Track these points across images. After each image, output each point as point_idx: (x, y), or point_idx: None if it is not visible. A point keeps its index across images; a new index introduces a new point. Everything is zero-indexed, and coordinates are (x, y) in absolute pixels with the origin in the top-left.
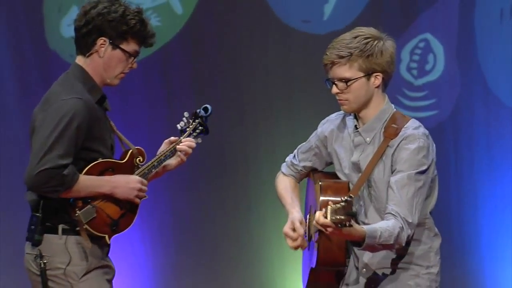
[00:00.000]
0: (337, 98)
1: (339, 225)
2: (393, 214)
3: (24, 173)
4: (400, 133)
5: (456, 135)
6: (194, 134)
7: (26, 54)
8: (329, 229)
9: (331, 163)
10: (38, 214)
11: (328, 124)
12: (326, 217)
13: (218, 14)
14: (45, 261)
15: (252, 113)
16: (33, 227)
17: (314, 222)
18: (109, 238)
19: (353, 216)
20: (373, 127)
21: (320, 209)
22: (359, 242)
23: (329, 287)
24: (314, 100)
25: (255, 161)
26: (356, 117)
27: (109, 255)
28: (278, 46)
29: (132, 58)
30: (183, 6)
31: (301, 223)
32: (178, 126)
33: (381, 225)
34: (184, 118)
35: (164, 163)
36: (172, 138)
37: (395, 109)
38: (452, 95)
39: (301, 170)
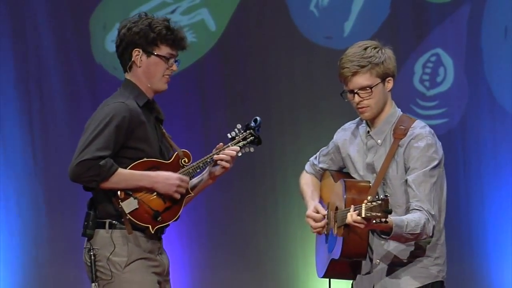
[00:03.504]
0: (358, 106)
1: (374, 221)
2: (418, 209)
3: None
4: (409, 133)
5: (464, 141)
6: (244, 142)
7: (74, 67)
8: (362, 226)
9: (344, 167)
10: (91, 212)
11: (341, 133)
12: (359, 215)
13: (248, 31)
14: (94, 253)
15: (279, 121)
16: (86, 223)
17: (348, 219)
18: (153, 228)
19: (390, 213)
20: (383, 129)
21: (346, 206)
22: (387, 232)
23: (345, 276)
24: (336, 109)
25: (282, 164)
26: (367, 123)
27: None
28: (303, 60)
29: (169, 60)
30: (216, 24)
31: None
32: (229, 135)
33: (407, 216)
34: (236, 129)
35: (211, 170)
36: (221, 144)
37: (401, 113)
38: (461, 105)
39: (319, 170)
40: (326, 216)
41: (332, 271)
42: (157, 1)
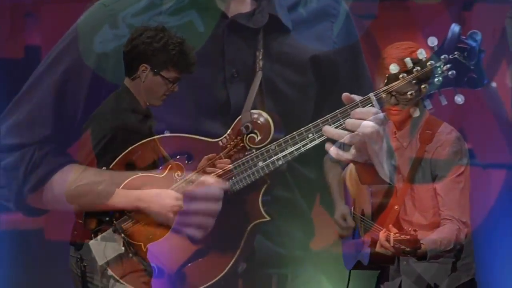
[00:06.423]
0: (392, 108)
1: (403, 253)
2: (449, 219)
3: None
4: (435, 139)
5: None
6: (235, 150)
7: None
8: (389, 253)
9: (368, 160)
10: (80, 221)
11: None
12: (388, 240)
13: None
14: (85, 264)
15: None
16: (75, 232)
17: (378, 243)
18: (145, 246)
19: (419, 249)
20: (409, 132)
21: (373, 212)
22: (423, 256)
23: (372, 268)
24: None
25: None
26: (394, 123)
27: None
28: None
29: (172, 83)
30: (205, 25)
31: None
32: (220, 143)
33: (439, 235)
34: (226, 135)
35: None
36: (211, 155)
37: (427, 114)
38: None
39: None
40: (353, 218)
41: (360, 266)
42: (146, 2)
